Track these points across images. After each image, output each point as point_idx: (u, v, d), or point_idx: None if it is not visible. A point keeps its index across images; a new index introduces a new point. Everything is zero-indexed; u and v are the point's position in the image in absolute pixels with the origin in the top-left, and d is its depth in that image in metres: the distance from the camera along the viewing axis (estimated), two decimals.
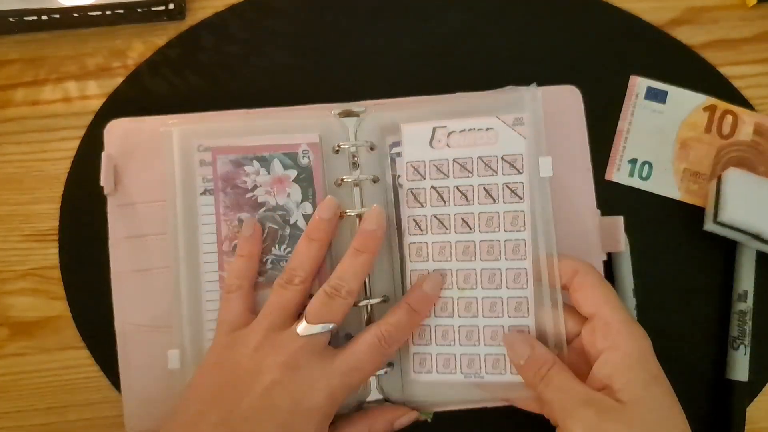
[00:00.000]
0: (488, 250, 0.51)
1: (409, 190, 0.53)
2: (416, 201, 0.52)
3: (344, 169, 0.55)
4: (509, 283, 0.51)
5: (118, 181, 0.55)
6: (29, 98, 0.60)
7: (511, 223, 0.51)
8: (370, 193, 0.54)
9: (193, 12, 0.61)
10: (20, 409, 0.58)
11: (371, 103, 0.56)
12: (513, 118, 0.52)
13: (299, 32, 0.61)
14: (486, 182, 0.52)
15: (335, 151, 0.54)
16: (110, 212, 0.55)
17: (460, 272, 0.52)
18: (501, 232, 0.51)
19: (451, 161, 0.52)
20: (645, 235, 0.58)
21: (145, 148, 0.55)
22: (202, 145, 0.53)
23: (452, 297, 0.52)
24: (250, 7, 0.61)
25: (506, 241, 0.51)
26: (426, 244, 0.52)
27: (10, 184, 0.59)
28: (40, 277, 0.58)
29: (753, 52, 0.62)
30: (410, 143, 0.53)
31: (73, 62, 0.60)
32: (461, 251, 0.52)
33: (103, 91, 0.60)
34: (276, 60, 0.60)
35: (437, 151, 0.53)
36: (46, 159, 0.59)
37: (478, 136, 0.52)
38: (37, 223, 0.59)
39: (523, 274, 0.51)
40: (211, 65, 0.60)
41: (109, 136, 0.56)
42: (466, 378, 0.51)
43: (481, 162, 0.52)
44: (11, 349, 0.58)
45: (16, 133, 0.60)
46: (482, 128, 0.52)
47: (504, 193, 0.51)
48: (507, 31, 0.61)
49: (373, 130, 0.55)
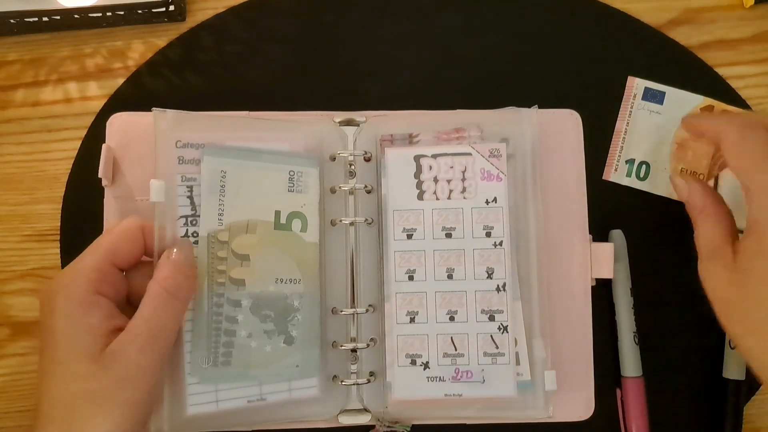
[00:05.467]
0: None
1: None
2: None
3: (339, 177, 0.55)
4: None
5: (116, 173, 0.55)
6: (30, 99, 0.60)
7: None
8: (364, 203, 0.55)
9: (193, 13, 0.61)
10: (20, 409, 0.58)
11: (372, 113, 0.56)
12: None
13: (299, 33, 0.60)
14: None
15: (332, 158, 0.55)
16: (106, 203, 0.55)
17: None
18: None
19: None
20: (642, 234, 0.58)
21: (144, 142, 0.55)
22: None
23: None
24: (250, 8, 0.61)
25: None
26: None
27: (10, 185, 0.59)
28: (40, 278, 0.58)
29: (751, 52, 0.61)
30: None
31: (74, 63, 0.60)
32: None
33: (104, 91, 0.60)
34: (276, 60, 0.60)
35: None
36: (47, 159, 0.59)
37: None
38: (37, 223, 0.59)
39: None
40: (211, 66, 0.60)
41: (111, 128, 0.56)
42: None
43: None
44: (12, 349, 0.58)
45: (17, 133, 0.59)
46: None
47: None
48: (506, 33, 0.60)
49: (371, 140, 0.55)
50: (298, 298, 0.53)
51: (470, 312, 0.53)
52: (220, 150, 0.53)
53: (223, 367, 0.51)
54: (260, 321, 0.52)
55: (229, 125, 0.55)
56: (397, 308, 0.53)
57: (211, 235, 0.51)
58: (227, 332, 0.51)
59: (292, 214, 0.53)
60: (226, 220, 0.52)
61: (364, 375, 0.54)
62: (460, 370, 0.52)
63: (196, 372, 0.50)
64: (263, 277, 0.52)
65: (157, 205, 0.50)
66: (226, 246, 0.51)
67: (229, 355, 0.51)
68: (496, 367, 0.52)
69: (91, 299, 0.46)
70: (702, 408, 0.57)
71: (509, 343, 0.52)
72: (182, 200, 0.52)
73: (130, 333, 0.46)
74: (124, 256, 0.49)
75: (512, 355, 0.52)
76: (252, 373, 0.51)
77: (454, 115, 0.57)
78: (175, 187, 0.52)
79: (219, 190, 0.52)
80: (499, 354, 0.52)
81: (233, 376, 0.51)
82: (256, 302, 0.52)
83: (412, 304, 0.53)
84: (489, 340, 0.52)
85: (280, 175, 0.53)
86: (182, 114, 0.53)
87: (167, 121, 0.52)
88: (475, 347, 0.52)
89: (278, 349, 0.52)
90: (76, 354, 0.44)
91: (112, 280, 0.48)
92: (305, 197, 0.53)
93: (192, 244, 0.51)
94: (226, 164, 0.52)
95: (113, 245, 0.48)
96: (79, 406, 0.43)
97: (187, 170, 0.52)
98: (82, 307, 0.45)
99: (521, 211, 0.54)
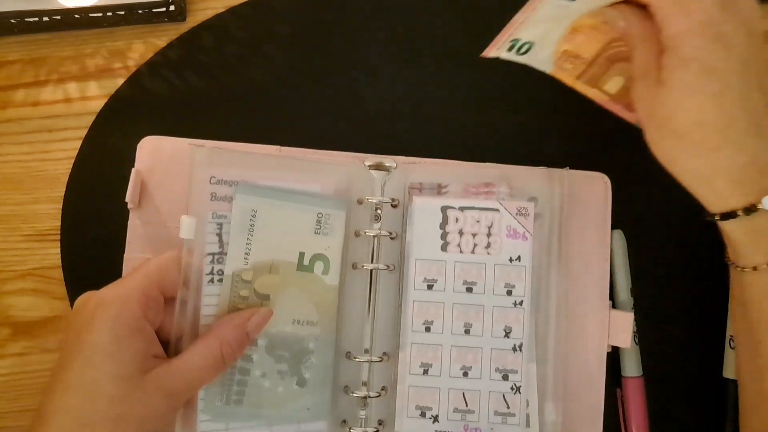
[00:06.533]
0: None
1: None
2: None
3: (365, 221, 0.55)
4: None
5: (143, 197, 0.55)
6: (30, 99, 0.59)
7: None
8: (387, 249, 0.55)
9: (194, 13, 0.60)
10: (21, 409, 0.58)
11: (402, 159, 0.56)
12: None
13: (299, 33, 0.60)
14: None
15: (359, 202, 0.55)
16: (130, 226, 0.55)
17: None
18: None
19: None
20: (642, 234, 0.58)
21: (171, 166, 0.55)
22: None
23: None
24: (250, 8, 0.60)
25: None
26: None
27: (10, 184, 0.59)
28: (40, 277, 0.58)
29: None
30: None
31: (74, 63, 0.60)
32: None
33: (104, 92, 0.59)
34: (276, 60, 0.60)
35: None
36: (47, 159, 0.59)
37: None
38: (37, 223, 0.58)
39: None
40: (211, 66, 0.60)
41: (141, 152, 0.56)
42: None
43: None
44: (12, 349, 0.58)
45: (17, 133, 0.59)
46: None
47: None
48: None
49: (400, 186, 0.55)
50: (314, 341, 0.52)
51: (484, 369, 0.53)
52: (253, 189, 0.52)
53: (235, 405, 0.51)
54: (275, 361, 0.51)
55: (262, 164, 0.54)
56: (411, 358, 0.53)
57: (235, 274, 0.51)
58: (241, 371, 0.51)
59: (316, 256, 0.53)
60: (251, 260, 0.51)
61: (372, 423, 0.54)
62: (470, 426, 0.52)
63: (208, 409, 0.50)
64: (281, 317, 0.52)
65: (186, 241, 0.50)
66: (249, 285, 0.51)
67: (242, 393, 0.51)
68: (506, 427, 0.52)
69: (139, 324, 0.46)
70: (702, 408, 0.57)
71: (521, 404, 0.52)
72: (211, 237, 0.51)
73: (174, 374, 0.46)
74: (169, 285, 0.49)
75: (523, 416, 0.52)
76: (263, 413, 0.51)
77: (484, 168, 0.57)
78: (205, 224, 0.52)
79: (248, 229, 0.51)
80: (510, 414, 0.52)
81: (245, 415, 0.51)
82: (272, 342, 0.51)
83: (426, 355, 0.53)
84: (501, 400, 0.52)
85: (308, 216, 0.53)
86: (218, 149, 0.53)
87: (203, 155, 0.52)
88: (486, 405, 0.52)
89: (290, 391, 0.52)
90: (114, 376, 0.44)
91: (156, 307, 0.48)
92: (330, 240, 0.53)
93: (271, 315, 0.51)
94: (258, 203, 0.52)
95: (162, 272, 0.48)
96: (100, 426, 0.43)
97: (218, 207, 0.52)
98: (130, 331, 0.45)
99: (544, 272, 0.54)
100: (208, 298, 0.51)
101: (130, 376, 0.44)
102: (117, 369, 0.44)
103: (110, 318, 0.45)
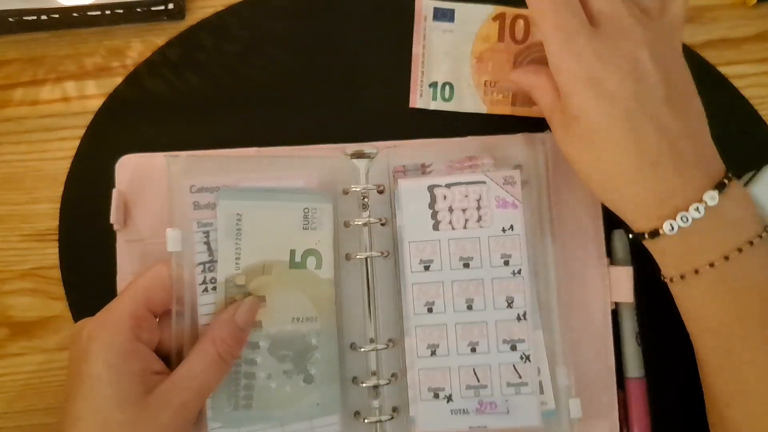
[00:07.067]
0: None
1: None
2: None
3: (353, 211, 0.54)
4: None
5: (127, 216, 0.55)
6: (28, 98, 0.59)
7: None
8: (379, 236, 0.54)
9: (193, 12, 0.60)
10: (20, 409, 0.58)
11: (383, 144, 0.55)
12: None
13: (299, 32, 0.60)
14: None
15: (345, 192, 0.54)
16: (119, 248, 0.55)
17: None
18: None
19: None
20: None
21: (154, 183, 0.55)
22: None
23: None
24: (250, 7, 0.60)
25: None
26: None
27: (9, 184, 0.59)
28: (39, 277, 0.58)
29: (753, 51, 0.61)
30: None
31: (72, 62, 0.60)
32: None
33: (102, 90, 0.59)
34: (276, 60, 0.59)
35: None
36: (46, 159, 0.59)
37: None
38: (36, 223, 0.58)
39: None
40: (210, 65, 0.59)
41: (120, 171, 0.55)
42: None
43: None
44: (11, 349, 0.58)
45: (15, 132, 0.59)
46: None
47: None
48: None
49: (384, 172, 0.55)
50: (316, 336, 0.52)
51: (491, 342, 0.52)
52: (235, 192, 0.52)
53: (244, 410, 0.50)
54: (278, 361, 0.51)
55: (242, 166, 0.54)
56: (417, 342, 0.52)
57: (228, 280, 0.50)
58: (246, 375, 0.50)
59: (307, 252, 0.52)
60: (242, 264, 0.51)
61: (386, 411, 0.53)
62: (484, 401, 0.52)
63: (218, 417, 0.50)
64: (279, 317, 0.51)
65: (174, 254, 0.50)
66: (243, 289, 0.51)
67: (249, 397, 0.51)
68: (520, 397, 0.52)
69: (132, 347, 0.46)
70: (704, 409, 0.56)
71: (532, 372, 0.52)
72: (199, 246, 0.51)
73: (176, 386, 0.46)
74: (158, 302, 0.49)
75: (536, 384, 0.52)
76: (274, 414, 0.51)
77: (465, 142, 0.56)
78: (191, 234, 0.51)
79: (235, 234, 0.51)
80: (523, 384, 0.52)
81: (255, 419, 0.51)
82: (273, 343, 0.51)
83: (432, 336, 0.52)
84: (512, 370, 0.52)
85: (294, 214, 0.52)
86: (194, 158, 0.52)
87: (180, 166, 0.52)
88: (498, 378, 0.52)
89: (298, 389, 0.51)
90: (117, 401, 0.44)
91: (148, 326, 0.48)
92: (319, 234, 0.53)
93: (259, 303, 0.51)
94: (242, 206, 0.51)
95: (149, 291, 0.48)
96: None
97: (203, 216, 0.51)
98: (123, 356, 0.45)
99: (538, 238, 0.54)
100: (204, 308, 0.50)
101: (135, 399, 0.45)
102: (119, 395, 0.44)
103: (103, 347, 0.45)
